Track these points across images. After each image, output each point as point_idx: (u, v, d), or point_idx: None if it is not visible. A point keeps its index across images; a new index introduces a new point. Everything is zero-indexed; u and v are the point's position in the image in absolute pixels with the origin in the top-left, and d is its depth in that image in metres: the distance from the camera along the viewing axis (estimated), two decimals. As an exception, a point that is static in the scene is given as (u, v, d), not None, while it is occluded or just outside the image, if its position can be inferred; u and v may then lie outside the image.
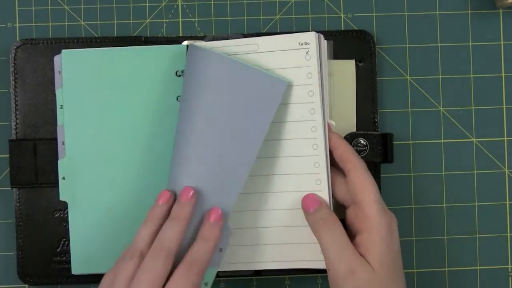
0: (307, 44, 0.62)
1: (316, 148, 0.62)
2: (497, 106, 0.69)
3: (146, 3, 0.69)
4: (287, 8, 0.69)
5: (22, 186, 0.65)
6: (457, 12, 0.69)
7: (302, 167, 0.62)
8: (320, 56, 0.61)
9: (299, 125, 0.62)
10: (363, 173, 0.59)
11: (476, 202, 0.69)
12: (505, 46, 0.69)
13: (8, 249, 0.67)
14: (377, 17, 0.69)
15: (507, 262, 0.69)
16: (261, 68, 0.62)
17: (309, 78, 0.61)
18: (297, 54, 0.62)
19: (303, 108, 0.62)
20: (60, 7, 0.68)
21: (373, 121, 0.67)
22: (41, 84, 0.66)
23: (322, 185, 0.61)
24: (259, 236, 0.63)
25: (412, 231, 0.68)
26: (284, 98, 0.62)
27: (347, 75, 0.67)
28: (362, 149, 0.65)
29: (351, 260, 0.57)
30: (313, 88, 0.61)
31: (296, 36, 0.62)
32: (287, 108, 0.62)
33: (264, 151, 0.63)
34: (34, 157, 0.65)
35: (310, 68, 0.61)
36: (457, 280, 0.68)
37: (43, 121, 0.66)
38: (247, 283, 0.68)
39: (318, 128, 0.61)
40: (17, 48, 0.66)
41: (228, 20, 0.69)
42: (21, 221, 0.66)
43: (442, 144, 0.69)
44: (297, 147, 0.62)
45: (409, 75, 0.69)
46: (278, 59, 0.62)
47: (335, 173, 0.62)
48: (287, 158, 0.62)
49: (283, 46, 0.62)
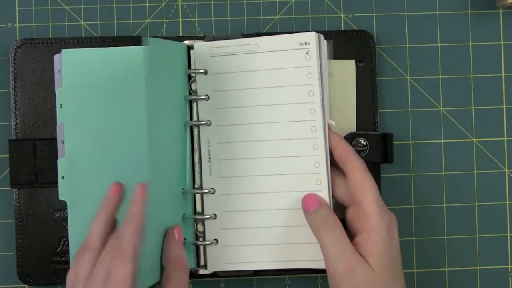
0: (307, 44, 0.62)
1: (316, 148, 0.62)
2: (497, 106, 0.69)
3: (146, 3, 0.69)
4: (287, 8, 0.69)
5: (22, 186, 0.65)
6: (457, 12, 0.69)
7: (302, 167, 0.62)
8: (320, 56, 0.62)
9: (299, 125, 0.62)
10: (363, 173, 0.59)
11: (476, 202, 0.69)
12: (505, 46, 0.69)
13: (8, 249, 0.67)
14: (377, 17, 0.69)
15: (507, 262, 0.69)
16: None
17: (309, 78, 0.61)
18: (297, 54, 0.62)
19: (303, 108, 0.62)
20: (60, 7, 0.68)
21: (373, 121, 0.67)
22: (41, 84, 0.66)
23: (322, 185, 0.61)
24: (259, 236, 0.63)
25: (412, 231, 0.68)
26: (284, 98, 0.62)
27: (347, 75, 0.67)
28: (362, 149, 0.65)
29: (351, 260, 0.57)
30: (313, 88, 0.61)
31: (296, 36, 0.62)
32: (287, 108, 0.62)
33: (264, 151, 0.63)
34: (34, 157, 0.65)
35: (310, 68, 0.61)
36: (457, 280, 0.68)
37: (43, 121, 0.66)
38: (247, 283, 0.68)
39: (318, 128, 0.61)
40: (17, 48, 0.66)
41: (228, 20, 0.69)
42: (21, 221, 0.66)
43: (442, 144, 0.69)
44: (297, 147, 0.62)
45: (409, 75, 0.69)
46: (278, 59, 0.62)
47: (335, 173, 0.62)
48: (287, 158, 0.62)
49: (283, 46, 0.62)
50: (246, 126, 0.63)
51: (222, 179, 0.64)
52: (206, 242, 0.64)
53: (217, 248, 0.64)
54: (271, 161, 0.63)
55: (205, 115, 0.64)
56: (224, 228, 0.64)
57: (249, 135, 0.63)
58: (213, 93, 0.64)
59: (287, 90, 0.62)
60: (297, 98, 0.62)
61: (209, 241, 0.64)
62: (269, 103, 0.63)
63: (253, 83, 0.63)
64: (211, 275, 0.65)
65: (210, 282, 0.67)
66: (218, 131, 0.64)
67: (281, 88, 0.62)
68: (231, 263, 0.64)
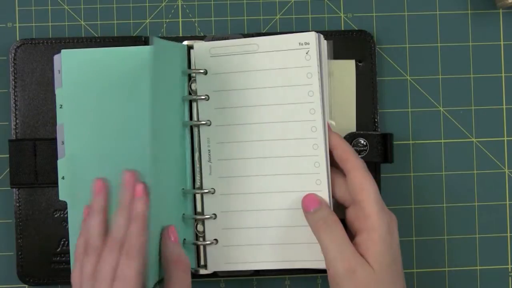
0: (307, 44, 0.62)
1: (316, 148, 0.62)
2: (497, 106, 0.69)
3: (146, 3, 0.69)
4: (287, 8, 0.69)
5: (22, 186, 0.65)
6: (457, 12, 0.69)
7: (302, 167, 0.62)
8: (320, 56, 0.62)
9: (299, 125, 0.62)
10: (363, 173, 0.59)
11: (476, 202, 0.69)
12: (505, 46, 0.69)
13: (8, 249, 0.67)
14: (377, 17, 0.69)
15: (507, 262, 0.69)
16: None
17: (309, 78, 0.61)
18: (297, 54, 0.62)
19: (303, 108, 0.62)
20: (60, 7, 0.68)
21: (373, 121, 0.67)
22: (41, 84, 0.66)
23: (322, 185, 0.61)
24: (259, 236, 0.63)
25: (412, 231, 0.68)
26: (284, 98, 0.62)
27: (347, 75, 0.67)
28: (362, 149, 0.65)
29: (351, 260, 0.57)
30: (313, 88, 0.61)
31: (296, 36, 0.62)
32: (287, 108, 0.62)
33: (264, 151, 0.63)
34: (34, 157, 0.65)
35: (310, 68, 0.61)
36: (457, 280, 0.68)
37: (43, 121, 0.66)
38: (247, 283, 0.68)
39: (318, 128, 0.61)
40: (17, 48, 0.66)
41: (228, 20, 0.69)
42: (21, 221, 0.66)
43: (442, 144, 0.69)
44: (297, 147, 0.62)
45: (409, 75, 0.69)
46: (278, 59, 0.62)
47: (335, 173, 0.62)
48: (287, 158, 0.62)
49: (283, 46, 0.62)
50: (246, 126, 0.63)
51: (222, 179, 0.64)
52: (206, 242, 0.64)
53: (217, 248, 0.64)
54: (271, 161, 0.63)
55: (205, 115, 0.64)
56: (224, 228, 0.64)
57: (249, 135, 0.63)
58: (213, 93, 0.64)
59: (287, 90, 0.62)
60: (297, 98, 0.62)
61: (209, 241, 0.64)
62: (269, 103, 0.63)
63: (253, 83, 0.63)
64: (211, 275, 0.65)
65: (210, 282, 0.67)
66: (218, 131, 0.64)
67: (281, 88, 0.62)
68: (231, 263, 0.64)
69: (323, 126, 0.61)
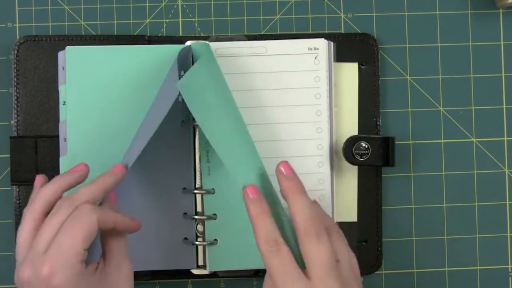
0: (316, 50, 0.63)
1: (321, 149, 0.62)
2: (497, 106, 0.69)
3: (146, 3, 0.69)
4: (287, 8, 0.69)
5: (22, 184, 0.65)
6: (457, 12, 0.69)
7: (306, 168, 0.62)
8: (329, 61, 0.62)
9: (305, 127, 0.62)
10: (311, 243, 0.53)
11: (476, 202, 0.69)
12: (505, 46, 0.69)
13: (8, 249, 0.67)
14: (377, 17, 0.69)
15: (507, 262, 0.69)
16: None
17: (316, 81, 0.62)
18: (306, 58, 0.63)
19: (309, 110, 0.62)
20: (60, 7, 0.68)
21: (375, 124, 0.67)
22: (43, 81, 0.66)
23: (325, 184, 0.61)
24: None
25: (412, 231, 0.68)
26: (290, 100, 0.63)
27: (350, 78, 0.67)
28: (364, 153, 0.65)
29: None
30: (320, 91, 0.62)
31: (306, 42, 0.63)
32: (292, 109, 0.63)
33: (267, 152, 0.63)
34: (35, 154, 0.65)
35: (319, 72, 0.62)
36: (457, 280, 0.68)
37: (45, 119, 0.66)
38: (247, 283, 0.68)
39: (324, 130, 0.62)
40: (19, 45, 0.66)
41: (228, 20, 0.69)
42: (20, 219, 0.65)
43: (442, 144, 0.69)
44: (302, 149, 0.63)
45: (409, 75, 0.69)
46: (286, 62, 0.63)
47: None
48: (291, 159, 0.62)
49: (292, 50, 0.63)
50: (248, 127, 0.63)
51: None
52: (206, 242, 0.64)
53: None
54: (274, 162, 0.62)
55: (206, 114, 0.64)
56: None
57: (251, 135, 0.63)
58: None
59: (294, 92, 0.63)
60: (303, 100, 0.62)
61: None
62: (274, 105, 0.63)
63: (257, 84, 0.63)
64: (211, 275, 0.65)
65: (210, 282, 0.67)
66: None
67: (287, 90, 0.63)
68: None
69: (329, 128, 0.62)
